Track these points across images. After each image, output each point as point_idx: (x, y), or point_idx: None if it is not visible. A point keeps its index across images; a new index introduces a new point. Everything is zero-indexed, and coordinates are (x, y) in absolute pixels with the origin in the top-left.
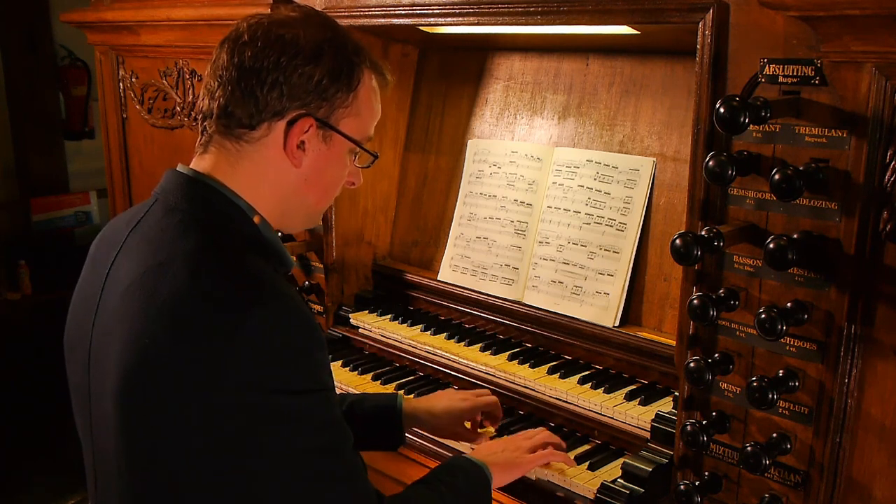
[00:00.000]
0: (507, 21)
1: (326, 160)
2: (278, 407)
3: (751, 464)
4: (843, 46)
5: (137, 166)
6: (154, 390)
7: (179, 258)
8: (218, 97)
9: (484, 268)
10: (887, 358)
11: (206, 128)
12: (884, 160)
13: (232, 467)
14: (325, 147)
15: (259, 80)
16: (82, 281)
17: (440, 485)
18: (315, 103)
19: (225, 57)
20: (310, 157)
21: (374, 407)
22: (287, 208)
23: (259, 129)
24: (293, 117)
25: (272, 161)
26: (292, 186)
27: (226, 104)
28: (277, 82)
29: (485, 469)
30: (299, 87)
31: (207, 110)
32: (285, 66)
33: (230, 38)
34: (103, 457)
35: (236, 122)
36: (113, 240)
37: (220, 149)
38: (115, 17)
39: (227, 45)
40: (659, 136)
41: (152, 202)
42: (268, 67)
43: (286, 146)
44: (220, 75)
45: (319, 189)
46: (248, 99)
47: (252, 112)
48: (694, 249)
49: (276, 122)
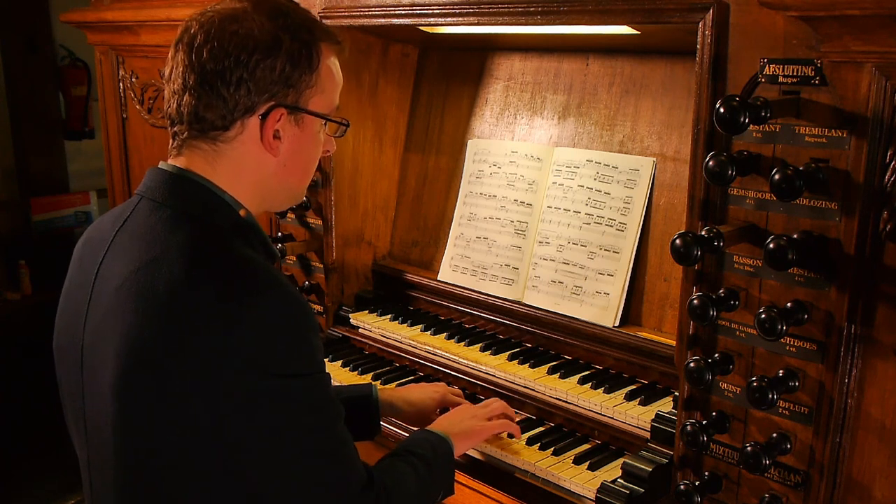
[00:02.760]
0: (507, 21)
1: (301, 142)
2: (278, 390)
3: (751, 464)
4: (843, 46)
5: (137, 166)
6: (154, 383)
7: (173, 252)
8: (186, 103)
9: (484, 268)
10: (887, 358)
11: (177, 133)
12: (884, 160)
13: (230, 453)
14: (299, 130)
15: (223, 80)
16: (69, 284)
17: (411, 456)
18: (282, 92)
19: (183, 61)
20: (286, 143)
21: (351, 397)
22: (269, 194)
23: (233, 129)
24: (265, 110)
25: (250, 155)
26: (272, 174)
27: (195, 109)
28: (242, 80)
29: (448, 440)
30: (264, 80)
31: (176, 116)
32: (246, 62)
33: (184, 40)
34: (100, 455)
35: (209, 126)
36: (99, 240)
37: (196, 150)
38: (115, 17)
39: (182, 48)
40: (659, 136)
41: (137, 200)
42: (230, 67)
43: (263, 139)
44: (184, 81)
45: (299, 170)
46: (216, 101)
47: (223, 113)
48: (694, 249)
49: (248, 118)
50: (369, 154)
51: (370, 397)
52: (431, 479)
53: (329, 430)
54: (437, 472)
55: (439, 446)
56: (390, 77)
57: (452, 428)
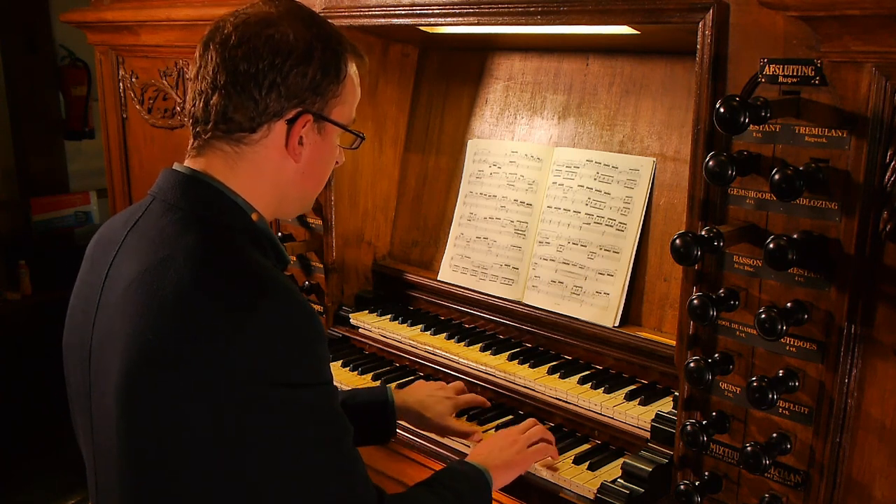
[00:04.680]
0: (507, 21)
1: (321, 150)
2: (282, 400)
3: (751, 464)
4: (843, 46)
5: (137, 166)
6: (157, 386)
7: (181, 254)
8: (214, 103)
9: (484, 268)
10: (887, 358)
11: (199, 132)
12: (884, 160)
13: (234, 460)
14: (320, 138)
15: (256, 83)
16: (80, 282)
17: (444, 489)
18: (310, 99)
19: (215, 60)
20: (308, 150)
21: (367, 402)
22: (284, 200)
23: (259, 132)
24: (293, 116)
25: (271, 159)
26: (290, 180)
27: (224, 110)
28: (275, 84)
29: (486, 474)
30: (296, 86)
31: (202, 116)
32: (281, 67)
33: (216, 40)
34: (105, 456)
35: (236, 127)
36: (111, 240)
37: (218, 151)
38: (115, 17)
39: (214, 48)
40: (659, 136)
41: (149, 201)
42: (264, 70)
43: (287, 144)
44: (214, 80)
45: (316, 178)
46: (247, 103)
47: (252, 115)
48: (694, 249)
49: (276, 122)
50: (369, 154)
51: (387, 402)
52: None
53: (334, 446)
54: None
55: (475, 480)
56: (390, 77)
57: (492, 459)
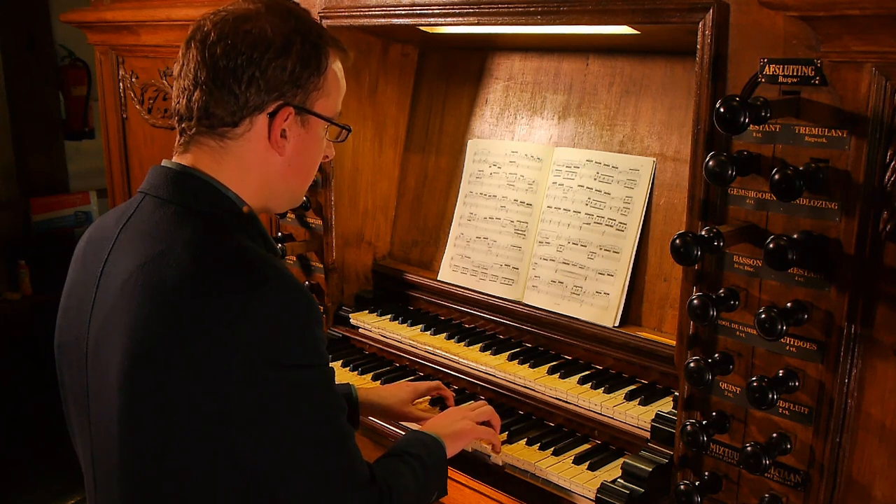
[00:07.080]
0: (507, 21)
1: (306, 143)
2: (281, 381)
3: (751, 464)
4: (843, 46)
5: (137, 166)
6: (159, 374)
7: (179, 246)
8: (196, 99)
9: (484, 268)
10: (887, 358)
11: (185, 129)
12: (884, 160)
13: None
14: (304, 131)
15: (235, 77)
16: (71, 283)
17: (407, 456)
18: (291, 92)
19: (196, 57)
20: (291, 143)
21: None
22: (272, 194)
23: (241, 126)
24: (273, 109)
25: (256, 153)
26: (277, 173)
27: (205, 105)
28: (254, 78)
29: (441, 441)
30: (275, 80)
31: (186, 112)
32: (259, 61)
33: (196, 37)
34: (103, 454)
35: (218, 122)
36: (103, 239)
37: (204, 147)
38: (115, 17)
39: (195, 45)
40: (659, 136)
41: (140, 199)
42: (242, 65)
43: (270, 137)
44: (195, 77)
45: (303, 171)
46: (227, 97)
47: (233, 110)
48: (694, 249)
49: (257, 115)
50: (369, 154)
51: (350, 396)
52: (427, 480)
53: (332, 423)
54: (431, 472)
55: (433, 447)
56: (390, 77)
57: (444, 429)
